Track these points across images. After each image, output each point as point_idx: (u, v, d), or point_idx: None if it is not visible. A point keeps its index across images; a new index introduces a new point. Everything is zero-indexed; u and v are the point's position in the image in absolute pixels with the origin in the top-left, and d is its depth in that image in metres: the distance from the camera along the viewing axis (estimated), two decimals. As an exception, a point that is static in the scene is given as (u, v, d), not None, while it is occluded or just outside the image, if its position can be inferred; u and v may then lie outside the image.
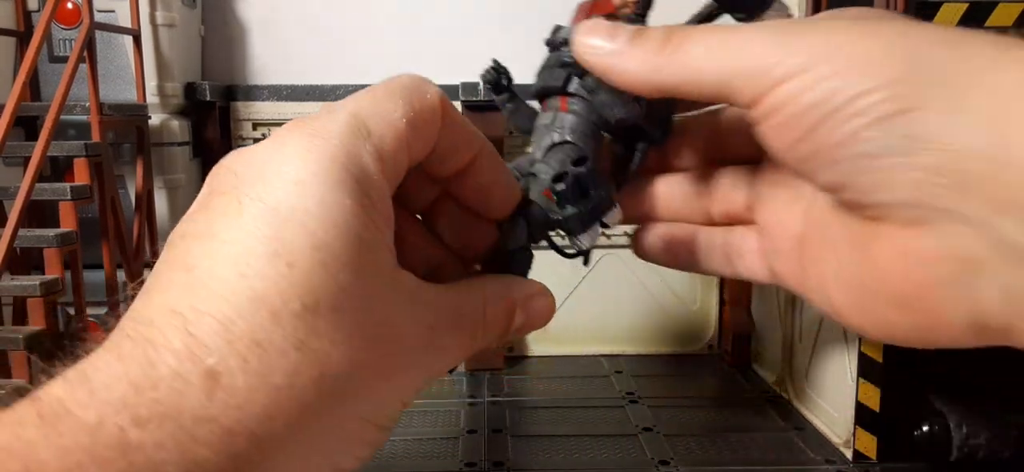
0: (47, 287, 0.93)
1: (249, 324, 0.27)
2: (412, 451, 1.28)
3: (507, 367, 1.60)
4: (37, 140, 0.98)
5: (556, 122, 0.57)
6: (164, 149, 1.32)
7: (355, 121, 0.33)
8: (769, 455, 1.11)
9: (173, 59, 1.32)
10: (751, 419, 1.25)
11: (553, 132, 0.57)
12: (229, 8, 1.55)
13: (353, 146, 0.32)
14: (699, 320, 1.58)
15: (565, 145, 0.55)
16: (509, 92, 0.62)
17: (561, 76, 0.59)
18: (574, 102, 0.57)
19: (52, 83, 1.23)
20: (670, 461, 1.09)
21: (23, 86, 0.95)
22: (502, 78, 0.63)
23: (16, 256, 1.05)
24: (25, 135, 1.24)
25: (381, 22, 1.61)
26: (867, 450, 1.06)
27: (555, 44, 0.63)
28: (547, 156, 0.55)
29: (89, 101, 1.07)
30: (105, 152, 1.09)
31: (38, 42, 0.97)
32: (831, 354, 1.17)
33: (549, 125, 0.58)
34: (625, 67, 0.47)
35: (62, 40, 1.24)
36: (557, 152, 0.56)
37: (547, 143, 0.57)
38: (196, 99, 1.41)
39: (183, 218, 0.31)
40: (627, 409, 1.30)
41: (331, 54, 1.62)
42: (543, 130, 0.58)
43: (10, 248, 0.89)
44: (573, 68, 0.57)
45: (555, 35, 0.64)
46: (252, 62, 1.59)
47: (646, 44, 0.46)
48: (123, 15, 1.26)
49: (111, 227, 1.09)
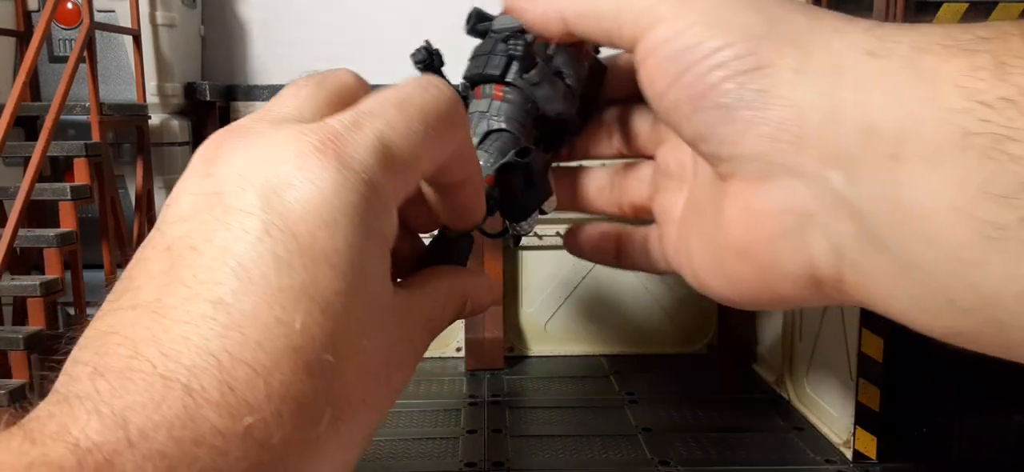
0: (47, 287, 0.93)
1: (286, 378, 0.26)
2: (412, 451, 1.28)
3: (507, 367, 1.60)
4: (37, 140, 0.99)
5: (491, 109, 0.59)
6: (164, 149, 1.33)
7: (385, 154, 0.31)
8: (769, 455, 1.11)
9: (173, 59, 1.32)
10: (751, 419, 1.25)
11: (489, 119, 0.59)
12: (229, 8, 1.55)
13: (381, 185, 0.31)
14: (699, 320, 1.58)
15: (503, 133, 0.56)
16: (439, 73, 0.64)
17: (500, 64, 0.60)
18: (510, 91, 0.57)
19: (52, 83, 1.23)
20: (670, 461, 1.09)
21: (23, 86, 0.95)
22: (434, 59, 0.65)
23: (16, 256, 1.06)
24: (25, 135, 1.24)
25: (381, 22, 1.61)
26: (867, 450, 1.06)
27: (482, 32, 0.66)
28: (484, 144, 0.57)
29: (89, 101, 1.08)
30: (105, 152, 1.09)
31: (38, 42, 0.98)
32: (831, 354, 1.17)
33: (484, 112, 0.60)
34: (535, 6, 0.51)
35: (62, 40, 1.24)
36: (495, 140, 0.57)
37: (483, 129, 0.59)
38: (196, 99, 1.41)
39: (182, 202, 0.29)
40: (627, 409, 1.30)
41: (331, 54, 1.62)
42: (478, 117, 0.60)
43: (10, 248, 0.89)
44: (519, 60, 0.58)
45: (477, 23, 0.67)
46: (252, 62, 1.59)
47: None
48: (123, 15, 1.26)
49: (111, 227, 1.09)
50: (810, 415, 1.24)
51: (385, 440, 1.34)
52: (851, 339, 1.09)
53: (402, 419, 1.44)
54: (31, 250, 1.06)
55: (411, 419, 1.42)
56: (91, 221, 1.14)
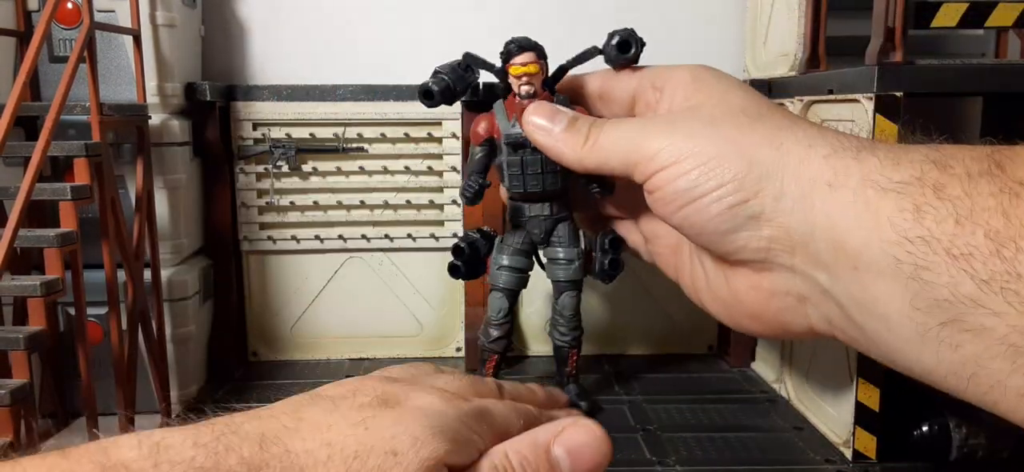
0: (48, 287, 0.93)
1: None
2: (412, 451, 1.28)
3: (507, 367, 1.60)
4: (37, 140, 0.98)
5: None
6: (164, 149, 1.33)
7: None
8: (768, 454, 1.11)
9: (173, 59, 1.32)
10: (751, 418, 1.25)
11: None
12: (229, 8, 1.55)
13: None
14: (699, 320, 1.58)
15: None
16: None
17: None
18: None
19: (52, 83, 1.23)
20: (669, 460, 1.09)
21: (23, 86, 0.95)
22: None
23: (16, 256, 1.06)
24: (25, 135, 1.24)
25: (381, 22, 1.61)
26: (867, 450, 1.06)
27: (471, 81, 1.06)
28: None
29: (89, 101, 1.08)
30: (105, 152, 1.09)
31: (38, 42, 0.97)
32: (830, 354, 1.17)
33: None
34: (561, 151, 0.75)
35: (62, 40, 1.24)
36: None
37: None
38: (196, 99, 1.41)
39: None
40: (627, 409, 1.30)
41: (331, 54, 1.62)
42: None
43: (10, 248, 0.89)
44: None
45: (468, 68, 1.03)
46: (252, 62, 1.59)
47: (575, 137, 0.72)
48: (123, 15, 1.26)
49: (111, 227, 1.09)
50: (809, 414, 1.24)
51: (385, 440, 1.34)
52: (851, 339, 1.09)
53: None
54: (31, 250, 1.06)
55: (411, 419, 1.42)
56: (91, 221, 1.14)
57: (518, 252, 1.13)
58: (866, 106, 0.97)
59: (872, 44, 1.00)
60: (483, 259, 1.17)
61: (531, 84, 1.01)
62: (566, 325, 1.18)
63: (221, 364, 1.59)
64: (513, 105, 1.02)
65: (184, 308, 1.40)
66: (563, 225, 1.12)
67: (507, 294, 1.16)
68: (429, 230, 1.59)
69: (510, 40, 1.01)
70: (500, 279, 1.15)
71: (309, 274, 1.67)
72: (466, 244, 1.15)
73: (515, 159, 1.05)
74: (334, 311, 1.69)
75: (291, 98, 1.52)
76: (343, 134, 1.55)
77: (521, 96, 1.00)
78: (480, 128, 1.08)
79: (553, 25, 1.48)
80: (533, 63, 1.00)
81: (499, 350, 1.20)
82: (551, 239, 1.12)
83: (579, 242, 1.13)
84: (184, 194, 1.38)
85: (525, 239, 1.13)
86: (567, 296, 1.16)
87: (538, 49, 0.99)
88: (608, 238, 1.10)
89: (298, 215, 1.62)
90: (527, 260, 1.15)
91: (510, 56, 1.00)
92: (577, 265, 1.13)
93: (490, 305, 1.17)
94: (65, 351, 1.30)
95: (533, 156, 1.03)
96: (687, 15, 1.66)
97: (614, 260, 1.10)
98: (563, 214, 1.12)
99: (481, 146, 1.08)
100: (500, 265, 1.15)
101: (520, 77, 1.00)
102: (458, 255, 1.17)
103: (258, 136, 1.53)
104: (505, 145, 1.06)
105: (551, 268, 1.15)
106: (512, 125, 1.02)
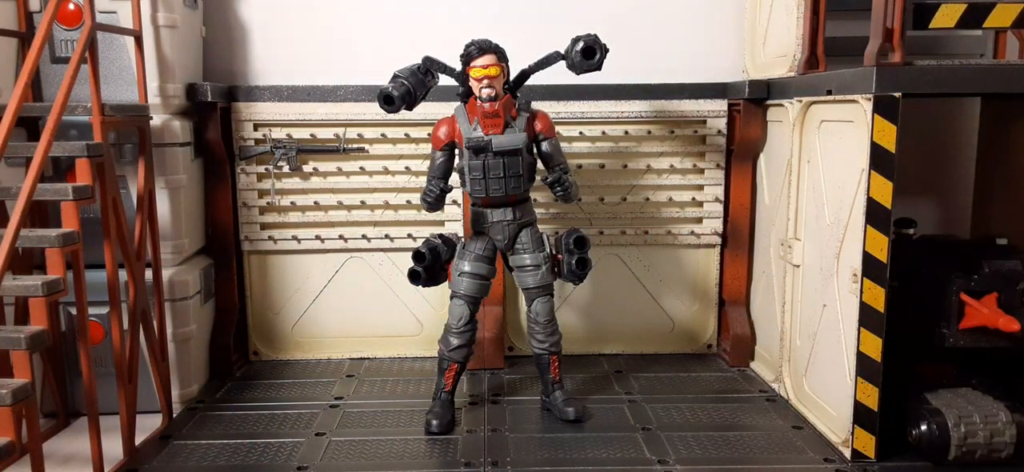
0: (49, 287, 0.93)
1: None
2: (412, 451, 1.29)
3: (507, 366, 1.60)
4: (39, 141, 0.99)
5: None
6: (166, 149, 1.33)
7: None
8: (768, 453, 1.12)
9: (174, 60, 1.33)
10: (750, 418, 1.25)
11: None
12: (231, 10, 1.56)
13: None
14: (699, 320, 1.58)
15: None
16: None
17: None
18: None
19: (54, 84, 1.24)
20: (669, 459, 1.09)
21: (25, 87, 0.96)
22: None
23: (18, 256, 1.06)
24: (27, 135, 1.24)
25: (381, 23, 1.61)
26: (865, 449, 1.06)
27: (429, 85, 1.12)
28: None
29: (91, 102, 1.08)
30: (107, 152, 1.09)
31: (40, 43, 0.98)
32: (829, 354, 1.17)
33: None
34: None
35: (64, 41, 1.25)
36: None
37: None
38: (197, 100, 1.42)
39: None
40: (627, 408, 1.30)
41: (331, 54, 1.62)
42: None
43: (12, 248, 0.89)
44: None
45: (429, 72, 1.08)
46: (253, 63, 1.60)
47: None
48: (124, 16, 1.27)
49: (113, 227, 1.10)
50: (809, 414, 1.24)
51: (385, 440, 1.34)
52: (849, 339, 1.09)
53: (403, 419, 1.44)
54: (33, 250, 1.06)
55: (412, 419, 1.42)
56: (93, 221, 1.14)
57: (480, 258, 1.14)
58: (865, 107, 0.98)
59: (871, 45, 1.00)
60: (445, 265, 1.18)
61: (492, 87, 1.01)
62: (543, 331, 1.19)
63: (222, 363, 1.60)
64: (474, 108, 1.02)
65: (185, 308, 1.41)
66: (527, 231, 1.13)
67: (468, 301, 1.16)
68: (429, 230, 1.59)
69: (470, 42, 1.02)
70: (462, 286, 1.16)
71: (310, 274, 1.67)
72: (427, 249, 1.16)
73: (477, 163, 1.05)
74: (335, 310, 1.69)
75: (292, 99, 1.52)
76: (344, 135, 1.56)
77: (482, 99, 1.00)
78: (441, 132, 1.08)
79: (555, 27, 1.48)
80: (494, 65, 1.01)
81: (460, 359, 1.21)
82: (515, 245, 1.12)
83: (544, 246, 1.14)
84: (185, 194, 1.38)
85: (488, 245, 1.13)
86: (539, 303, 1.17)
87: (499, 51, 0.99)
88: (573, 237, 1.10)
89: (299, 215, 1.62)
90: (490, 266, 1.16)
91: (470, 58, 1.00)
92: (544, 270, 1.14)
93: (450, 312, 1.18)
94: (66, 351, 1.30)
95: (495, 160, 1.02)
96: (687, 16, 1.67)
97: (581, 259, 1.10)
98: (527, 219, 1.12)
99: (442, 150, 1.09)
100: (462, 271, 1.15)
101: (481, 80, 1.01)
102: (419, 260, 1.17)
103: (259, 136, 1.53)
104: (467, 149, 1.06)
105: (519, 276, 1.16)
106: (474, 128, 1.03)
